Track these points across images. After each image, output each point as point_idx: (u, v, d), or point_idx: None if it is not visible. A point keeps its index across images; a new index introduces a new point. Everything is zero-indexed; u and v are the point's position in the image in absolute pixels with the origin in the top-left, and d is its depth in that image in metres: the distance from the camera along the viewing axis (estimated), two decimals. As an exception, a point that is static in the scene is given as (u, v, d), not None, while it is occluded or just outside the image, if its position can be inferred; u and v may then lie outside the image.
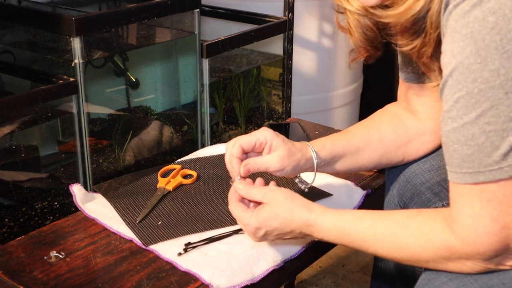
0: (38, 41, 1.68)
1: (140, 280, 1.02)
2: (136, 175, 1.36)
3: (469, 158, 0.80)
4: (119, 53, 1.84)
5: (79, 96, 1.49)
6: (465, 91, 0.78)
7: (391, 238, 0.91)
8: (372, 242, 0.94)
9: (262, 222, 1.00)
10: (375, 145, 1.17)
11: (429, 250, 0.87)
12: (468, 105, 0.78)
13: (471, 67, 0.77)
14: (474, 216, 0.81)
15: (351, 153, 1.16)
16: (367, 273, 1.94)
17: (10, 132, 1.49)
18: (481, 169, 0.79)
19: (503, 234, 0.81)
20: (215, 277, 1.01)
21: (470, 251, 0.83)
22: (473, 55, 0.76)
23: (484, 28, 0.75)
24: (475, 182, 0.80)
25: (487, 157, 0.78)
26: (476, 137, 0.78)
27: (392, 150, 1.17)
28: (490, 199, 0.80)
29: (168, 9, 1.64)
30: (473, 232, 0.82)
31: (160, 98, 2.04)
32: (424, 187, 1.13)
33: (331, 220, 0.98)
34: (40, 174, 1.65)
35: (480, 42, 0.76)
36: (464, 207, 0.82)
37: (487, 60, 0.75)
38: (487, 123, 0.77)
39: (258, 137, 1.10)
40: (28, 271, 1.04)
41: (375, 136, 1.17)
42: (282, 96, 2.05)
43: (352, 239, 0.96)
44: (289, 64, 1.99)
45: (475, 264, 0.84)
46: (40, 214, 1.57)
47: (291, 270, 1.13)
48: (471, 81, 0.77)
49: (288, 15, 1.92)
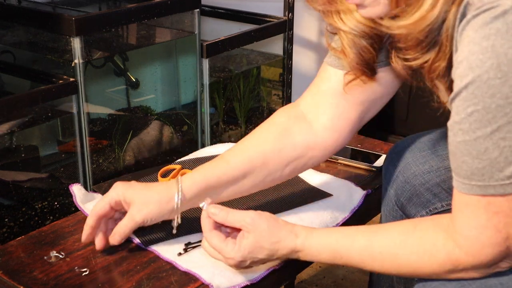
0: (38, 41, 1.68)
1: (140, 280, 1.02)
2: (136, 175, 1.36)
3: (479, 171, 0.79)
4: (119, 53, 1.84)
5: (79, 96, 1.49)
6: (481, 105, 0.76)
7: (391, 257, 0.90)
8: (370, 262, 0.92)
9: (247, 255, 0.95)
10: (257, 171, 1.08)
11: (434, 265, 0.86)
12: (483, 120, 0.76)
13: (490, 82, 0.74)
14: (479, 228, 0.81)
15: (230, 183, 1.08)
16: (367, 273, 1.94)
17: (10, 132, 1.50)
18: (492, 182, 0.78)
19: (506, 244, 0.81)
20: (215, 277, 1.01)
21: (475, 262, 0.83)
22: (493, 70, 0.74)
23: (507, 42, 0.73)
24: (483, 194, 0.79)
25: (499, 172, 0.78)
26: (489, 152, 0.77)
27: (277, 171, 1.10)
28: (497, 212, 0.80)
29: (168, 9, 1.64)
30: (478, 243, 0.82)
31: (160, 98, 2.04)
32: (424, 188, 1.13)
33: (320, 242, 0.94)
34: (40, 174, 1.65)
35: (502, 56, 0.73)
36: (469, 218, 0.82)
37: (508, 76, 0.73)
38: (502, 139, 0.76)
39: (110, 197, 1.05)
40: (28, 271, 1.04)
41: (257, 162, 1.08)
42: (282, 96, 2.05)
43: (347, 259, 0.93)
44: (289, 64, 1.99)
45: (477, 272, 0.85)
46: (40, 214, 1.57)
47: (291, 270, 1.13)
48: (489, 96, 0.75)
49: (288, 15, 1.93)
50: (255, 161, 1.08)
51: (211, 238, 0.96)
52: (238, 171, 1.07)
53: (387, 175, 1.21)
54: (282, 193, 1.27)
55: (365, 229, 0.94)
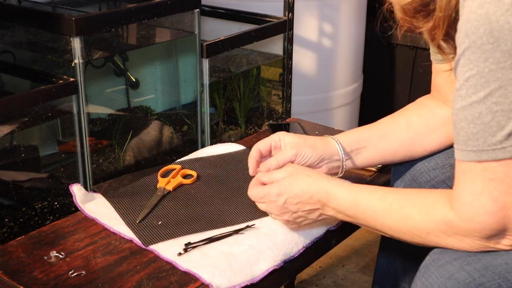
0: (38, 41, 1.68)
1: (140, 280, 1.02)
2: (136, 175, 1.36)
3: (474, 136, 0.81)
4: (119, 53, 1.84)
5: (79, 96, 1.49)
6: (476, 70, 0.79)
7: (398, 208, 0.94)
8: (381, 212, 0.96)
9: (283, 189, 1.06)
10: (402, 130, 1.17)
11: (430, 222, 0.89)
12: (478, 84, 0.79)
13: (483, 47, 0.77)
14: (475, 194, 0.83)
15: (378, 139, 1.18)
16: (367, 273, 1.94)
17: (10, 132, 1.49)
18: (485, 147, 0.81)
19: (502, 214, 0.82)
20: (215, 277, 1.01)
21: (468, 227, 0.84)
22: (486, 35, 0.77)
23: (499, 9, 0.76)
24: (478, 160, 0.82)
25: (492, 136, 0.80)
26: (483, 116, 0.80)
27: (422, 135, 1.17)
28: (492, 179, 0.81)
29: (168, 9, 1.64)
30: (472, 209, 0.83)
31: (160, 98, 2.04)
32: (429, 185, 1.14)
33: (346, 191, 1.02)
34: (40, 174, 1.65)
35: (494, 23, 0.76)
36: (466, 184, 0.84)
37: (499, 41, 0.76)
38: (495, 103, 0.78)
39: (272, 138, 1.17)
40: (28, 271, 1.04)
41: (402, 122, 1.17)
42: (282, 96, 2.05)
43: (363, 209, 0.99)
44: (289, 64, 1.99)
45: (473, 241, 0.85)
46: (40, 214, 1.57)
47: (291, 270, 1.13)
48: (482, 60, 0.78)
49: (288, 15, 1.92)
50: (399, 120, 1.18)
51: (254, 187, 1.12)
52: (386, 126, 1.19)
53: (396, 173, 1.22)
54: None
55: (386, 187, 1.03)
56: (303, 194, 1.05)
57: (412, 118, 1.18)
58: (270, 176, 1.10)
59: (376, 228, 0.99)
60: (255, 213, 1.20)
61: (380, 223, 0.97)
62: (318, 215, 1.07)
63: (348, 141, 1.18)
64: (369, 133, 1.19)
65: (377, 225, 0.98)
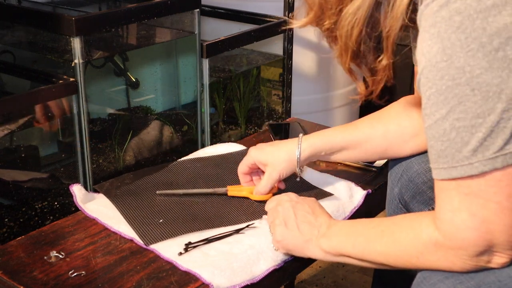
0: (38, 41, 1.68)
1: (140, 280, 1.02)
2: (137, 174, 1.35)
3: (443, 153, 0.82)
4: (119, 53, 1.84)
5: (79, 96, 1.49)
6: (435, 88, 0.80)
7: (389, 234, 0.94)
8: (373, 238, 0.96)
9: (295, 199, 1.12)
10: (378, 139, 1.20)
11: (417, 245, 0.89)
12: (438, 102, 0.80)
13: (438, 65, 0.79)
14: (453, 211, 0.83)
15: (352, 146, 1.21)
16: (367, 273, 1.94)
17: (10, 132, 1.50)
18: (454, 164, 0.81)
19: (483, 229, 0.81)
20: (215, 277, 1.01)
21: (453, 245, 0.84)
22: (439, 54, 0.78)
23: (450, 28, 0.77)
24: (450, 178, 0.82)
25: (458, 152, 0.80)
26: (448, 133, 0.80)
27: (397, 144, 1.19)
28: (468, 193, 0.81)
29: (168, 9, 1.64)
30: (453, 226, 0.83)
31: (160, 98, 2.04)
32: (426, 186, 1.14)
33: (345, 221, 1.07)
34: (40, 174, 1.65)
35: (446, 40, 0.78)
36: (444, 202, 0.84)
37: (452, 58, 0.77)
38: (457, 119, 0.79)
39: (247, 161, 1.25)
40: (28, 271, 1.04)
41: (379, 130, 1.19)
42: (282, 96, 2.05)
43: (357, 235, 0.99)
44: (289, 64, 1.99)
45: (463, 261, 0.85)
46: (40, 214, 1.57)
47: (291, 270, 1.13)
48: (439, 78, 0.79)
49: (288, 15, 1.92)
50: (377, 128, 1.20)
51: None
52: (363, 134, 1.21)
53: (392, 174, 1.22)
54: (282, 192, 1.27)
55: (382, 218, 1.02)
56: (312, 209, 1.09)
57: (390, 127, 1.20)
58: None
59: (365, 258, 0.98)
60: (255, 213, 1.20)
61: (371, 250, 0.97)
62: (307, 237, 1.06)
63: (321, 145, 1.22)
64: (342, 139, 1.22)
65: (366, 253, 0.97)
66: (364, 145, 1.21)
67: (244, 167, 1.27)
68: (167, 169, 1.37)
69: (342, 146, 1.22)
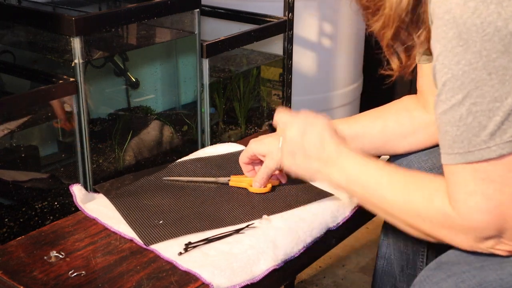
0: (38, 41, 1.68)
1: (140, 280, 1.02)
2: (138, 175, 1.35)
3: (459, 138, 0.82)
4: (119, 53, 1.84)
5: (79, 96, 1.49)
6: (451, 74, 0.80)
7: (402, 187, 0.93)
8: (385, 185, 0.96)
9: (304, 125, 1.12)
10: (376, 134, 1.21)
11: (429, 207, 0.89)
12: (455, 87, 0.81)
13: (454, 50, 0.79)
14: (468, 193, 0.83)
15: (350, 139, 1.20)
16: (367, 273, 1.94)
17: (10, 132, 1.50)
18: (471, 148, 0.81)
19: (497, 212, 0.82)
20: (215, 276, 1.01)
21: (464, 224, 0.84)
22: (455, 39, 0.79)
23: (465, 13, 0.78)
24: (466, 162, 0.82)
25: (476, 137, 0.81)
26: (464, 118, 0.81)
27: (395, 140, 1.20)
28: (484, 178, 0.82)
29: (168, 9, 1.64)
30: (467, 208, 0.83)
31: (160, 98, 2.04)
32: None
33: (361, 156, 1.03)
34: (40, 174, 1.65)
35: (461, 26, 0.78)
36: (458, 185, 0.84)
37: (469, 43, 0.78)
38: (473, 104, 0.80)
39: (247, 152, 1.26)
40: (28, 271, 1.04)
41: (378, 125, 1.20)
42: (282, 96, 2.05)
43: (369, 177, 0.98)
44: (289, 64, 1.99)
45: (467, 239, 0.86)
46: (40, 214, 1.57)
47: (291, 270, 1.13)
48: (455, 63, 0.79)
49: (288, 15, 1.93)
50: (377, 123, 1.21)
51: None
52: (361, 128, 1.22)
53: None
54: (282, 192, 1.27)
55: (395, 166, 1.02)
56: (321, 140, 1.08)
57: (389, 123, 1.21)
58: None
59: (371, 201, 0.98)
60: (255, 213, 1.20)
61: (380, 195, 0.96)
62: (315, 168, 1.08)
63: None
64: (343, 131, 1.21)
65: (375, 197, 0.97)
66: (362, 138, 1.21)
67: (244, 158, 1.28)
68: (167, 170, 1.37)
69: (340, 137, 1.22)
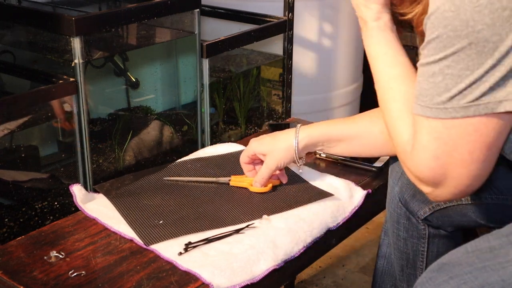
0: (38, 41, 1.68)
1: (140, 280, 1.02)
2: (138, 175, 1.36)
3: (425, 92, 0.87)
4: (119, 53, 1.84)
5: (79, 96, 1.49)
6: (436, 34, 0.84)
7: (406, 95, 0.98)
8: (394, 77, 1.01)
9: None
10: (376, 134, 1.21)
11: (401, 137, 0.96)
12: (436, 48, 0.84)
13: (444, 14, 0.82)
14: (421, 147, 0.89)
15: (350, 139, 1.22)
16: (367, 273, 1.94)
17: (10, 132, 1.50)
18: (430, 105, 0.86)
19: (440, 171, 0.88)
20: (215, 276, 1.01)
21: (411, 168, 0.92)
22: (448, 3, 0.81)
23: None
24: (424, 116, 0.87)
25: (438, 96, 0.85)
26: (435, 76, 0.85)
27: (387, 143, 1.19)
28: (436, 138, 0.87)
29: (168, 9, 1.64)
30: (417, 158, 0.90)
31: (160, 98, 2.04)
32: None
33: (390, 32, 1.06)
34: (40, 174, 1.65)
35: None
36: (417, 134, 0.90)
37: (460, 10, 0.80)
38: (447, 66, 0.83)
39: (247, 152, 1.28)
40: (28, 271, 1.04)
41: (378, 126, 1.20)
42: (282, 96, 2.05)
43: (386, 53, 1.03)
44: (289, 64, 1.99)
45: (411, 177, 0.94)
46: (40, 214, 1.57)
47: (291, 270, 1.13)
48: (443, 26, 0.83)
49: (288, 15, 1.92)
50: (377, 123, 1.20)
51: None
52: (360, 128, 1.22)
53: (393, 173, 1.23)
54: (282, 192, 1.27)
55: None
56: None
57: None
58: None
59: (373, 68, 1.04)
60: (255, 213, 1.20)
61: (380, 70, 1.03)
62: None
63: (319, 135, 1.23)
64: (342, 132, 1.23)
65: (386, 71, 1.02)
66: (361, 139, 1.22)
67: (245, 158, 1.29)
68: (167, 169, 1.37)
69: (340, 138, 1.22)
